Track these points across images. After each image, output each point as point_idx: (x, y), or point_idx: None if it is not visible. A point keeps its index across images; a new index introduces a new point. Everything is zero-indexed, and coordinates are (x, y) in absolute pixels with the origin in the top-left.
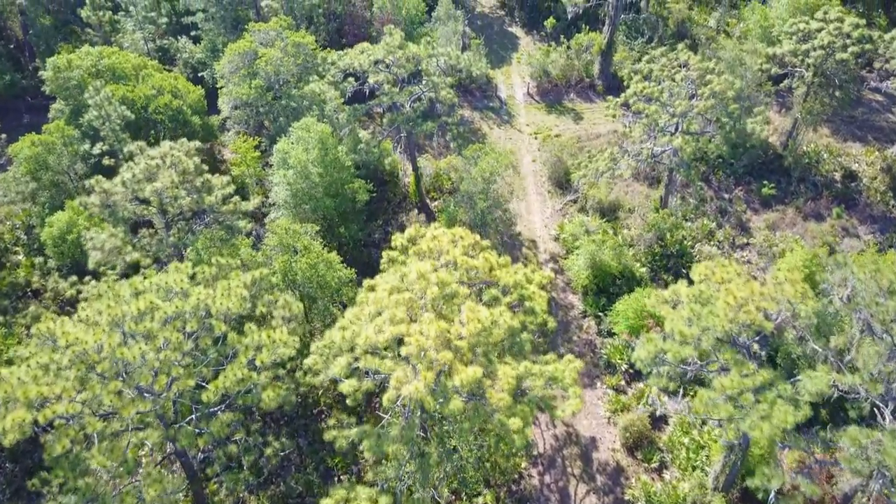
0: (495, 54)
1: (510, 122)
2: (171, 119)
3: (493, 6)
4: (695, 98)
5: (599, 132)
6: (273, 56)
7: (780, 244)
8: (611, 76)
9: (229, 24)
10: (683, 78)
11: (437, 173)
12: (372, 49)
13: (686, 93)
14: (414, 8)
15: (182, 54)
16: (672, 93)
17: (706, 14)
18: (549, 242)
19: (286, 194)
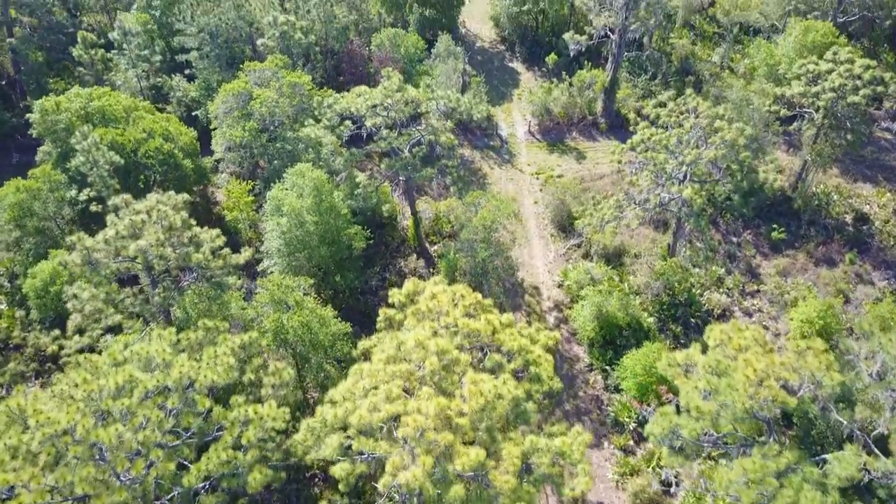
0: (496, 90)
1: (511, 162)
2: (161, 163)
3: (494, 41)
4: (704, 146)
5: (603, 172)
6: (268, 97)
7: (791, 291)
8: (614, 114)
9: (224, 62)
10: (693, 125)
11: (437, 216)
12: (369, 93)
13: (695, 140)
14: (413, 46)
15: (176, 93)
16: (680, 140)
17: (709, 50)
18: (552, 289)
19: (279, 243)
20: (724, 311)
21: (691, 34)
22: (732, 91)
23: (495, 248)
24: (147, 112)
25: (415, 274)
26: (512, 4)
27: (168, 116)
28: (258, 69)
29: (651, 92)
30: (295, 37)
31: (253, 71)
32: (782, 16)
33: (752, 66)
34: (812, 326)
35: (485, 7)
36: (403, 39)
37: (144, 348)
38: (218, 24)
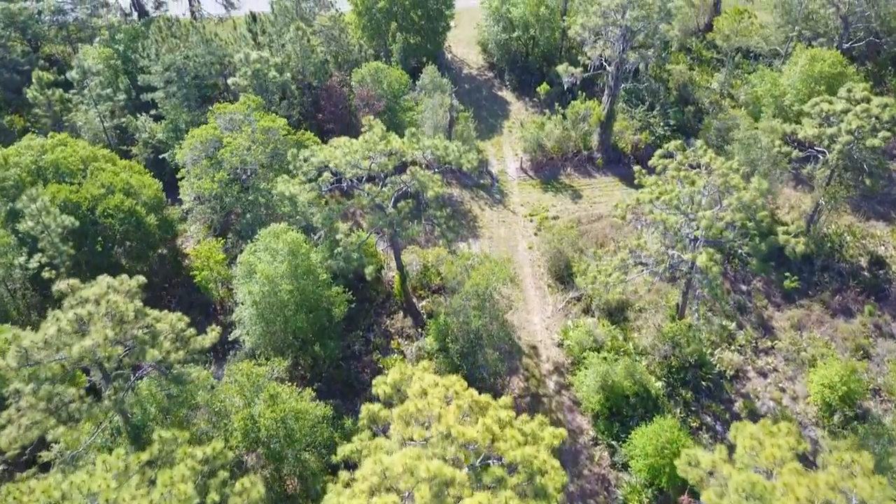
0: (484, 122)
1: (503, 202)
2: (122, 222)
3: (481, 67)
4: (718, 205)
5: (600, 213)
6: (238, 145)
7: (808, 348)
8: (611, 148)
9: (194, 101)
10: (706, 185)
11: (425, 266)
12: (350, 145)
13: (708, 199)
14: (396, 81)
15: (142, 134)
16: (692, 199)
17: (708, 75)
18: (551, 349)
19: (252, 312)
20: (738, 371)
21: (688, 58)
22: (739, 130)
23: (490, 316)
24: (108, 162)
25: (401, 335)
26: (500, 31)
27: (131, 165)
28: (229, 112)
29: (649, 124)
30: (269, 75)
31: (223, 114)
32: (785, 41)
33: (756, 95)
34: (834, 393)
35: (472, 30)
36: (386, 74)
37: (86, 482)
38: (185, 63)
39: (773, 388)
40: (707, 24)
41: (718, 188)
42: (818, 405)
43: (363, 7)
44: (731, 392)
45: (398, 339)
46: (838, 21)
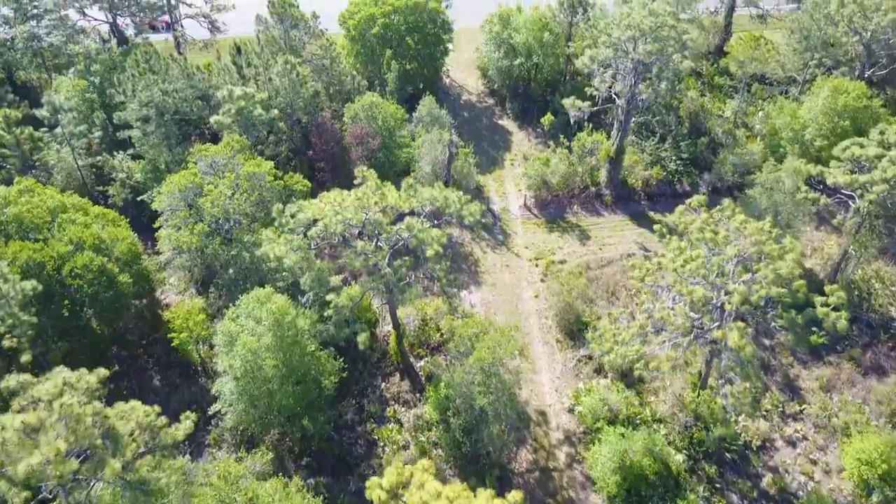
0: (485, 154)
1: (506, 244)
2: (91, 283)
3: (481, 93)
4: (751, 275)
5: (611, 257)
6: (220, 195)
7: (839, 413)
8: (620, 184)
9: (174, 139)
10: (738, 254)
11: (423, 320)
12: (341, 201)
13: (739, 269)
14: (392, 117)
15: (119, 174)
16: (722, 270)
17: (720, 102)
18: (562, 415)
19: (233, 385)
20: (765, 441)
21: (699, 83)
22: (760, 172)
23: (496, 394)
24: (79, 211)
25: (398, 400)
26: (502, 57)
27: (105, 213)
28: (210, 155)
29: (661, 158)
30: (254, 113)
31: (204, 157)
32: (802, 68)
33: (773, 127)
34: (873, 470)
35: (471, 52)
36: (381, 109)
37: None
38: (164, 99)
39: (804, 459)
40: (718, 45)
41: (750, 257)
42: (854, 482)
43: (356, 32)
44: (759, 465)
45: (395, 405)
46: (860, 48)
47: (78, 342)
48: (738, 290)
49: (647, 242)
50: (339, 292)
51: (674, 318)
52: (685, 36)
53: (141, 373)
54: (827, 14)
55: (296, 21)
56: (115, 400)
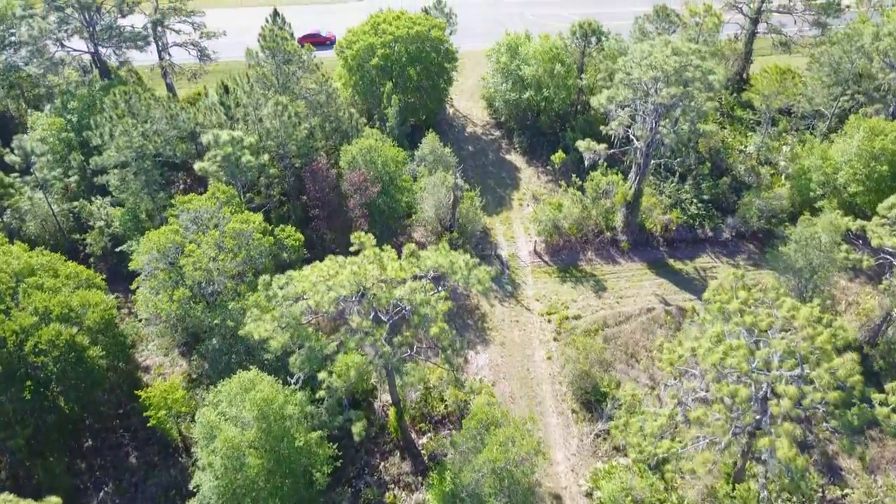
0: (491, 193)
1: (515, 295)
2: (57, 360)
3: (487, 125)
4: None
5: (629, 311)
6: (203, 256)
7: (886, 500)
8: (637, 229)
9: (156, 185)
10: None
11: (426, 388)
12: (334, 274)
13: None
14: (392, 160)
15: (97, 221)
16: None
17: (742, 136)
18: (578, 500)
19: (213, 484)
20: None
21: (718, 113)
22: (796, 228)
23: (510, 496)
24: (48, 272)
25: (398, 483)
26: (510, 89)
27: (79, 272)
28: (194, 209)
29: (680, 200)
30: (242, 159)
31: (186, 211)
32: (832, 102)
33: (802, 168)
34: None
35: (476, 79)
36: (380, 153)
37: None
38: (144, 145)
39: None
40: (738, 74)
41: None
42: None
43: (354, 63)
44: None
45: (395, 488)
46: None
47: (43, 423)
48: (788, 394)
49: (667, 294)
50: (332, 365)
51: (712, 420)
52: (711, 77)
53: (116, 449)
54: (860, 47)
55: (289, 56)
56: (88, 481)
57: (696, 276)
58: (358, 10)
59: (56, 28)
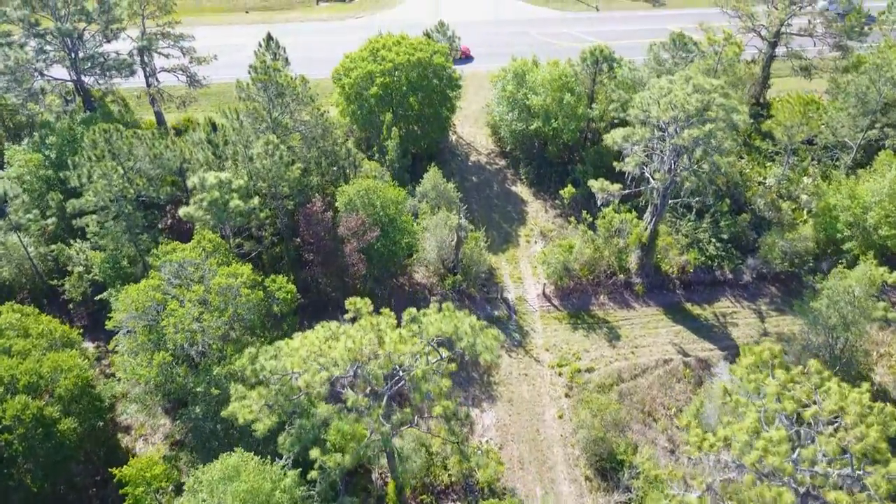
0: (496, 228)
1: (523, 345)
2: (23, 438)
3: (492, 153)
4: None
5: (645, 363)
6: (185, 316)
7: None
8: (652, 271)
9: (138, 228)
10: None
11: (429, 456)
12: (326, 349)
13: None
14: (392, 202)
15: (76, 266)
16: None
17: (760, 167)
18: None
19: None
20: None
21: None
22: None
23: None
24: (16, 331)
25: None
26: (516, 119)
27: (52, 328)
28: (177, 261)
29: (698, 239)
30: (231, 204)
31: (168, 264)
32: (858, 134)
33: (827, 206)
34: None
35: (480, 103)
36: (379, 193)
37: None
38: (125, 188)
39: None
40: (755, 97)
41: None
42: None
43: (352, 92)
44: None
45: None
46: None
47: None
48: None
49: (685, 343)
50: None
51: None
52: (736, 116)
53: None
54: (891, 77)
55: (281, 89)
56: None
57: (716, 323)
58: (357, 28)
59: (34, 58)
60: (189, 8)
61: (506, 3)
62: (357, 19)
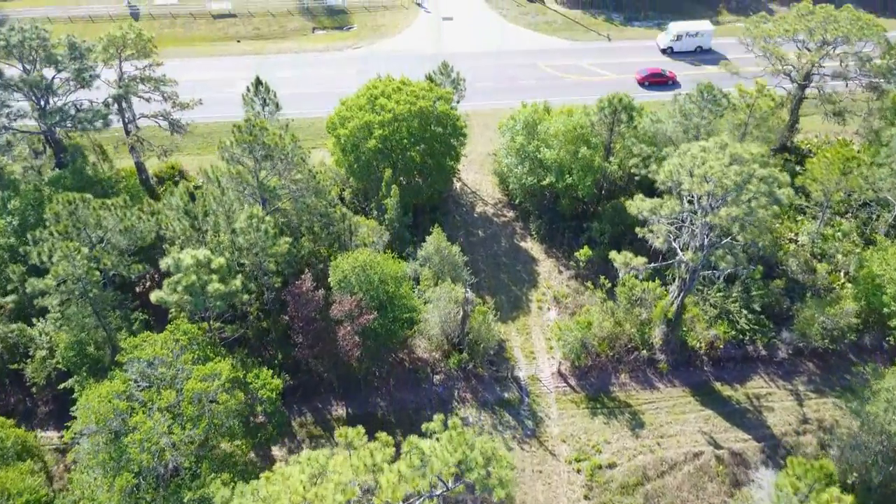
0: (505, 291)
1: (536, 434)
2: None
3: (499, 203)
4: None
5: (673, 457)
6: (151, 430)
7: None
8: (678, 346)
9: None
10: None
11: None
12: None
13: None
14: (392, 277)
15: (39, 350)
16: None
17: (791, 222)
18: None
19: None
20: None
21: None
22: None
23: None
24: None
25: None
26: (526, 173)
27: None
28: (146, 358)
29: (728, 311)
30: (209, 287)
31: (136, 360)
32: None
33: (870, 273)
34: None
35: (486, 145)
36: (376, 268)
37: None
38: (89, 270)
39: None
40: (782, 143)
41: None
42: None
43: (348, 144)
44: None
45: None
46: None
47: None
48: None
49: (716, 432)
50: None
51: None
52: (780, 191)
53: None
54: None
55: (269, 150)
56: None
57: (749, 407)
58: (356, 59)
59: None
60: (179, 38)
61: (512, 31)
62: (355, 49)
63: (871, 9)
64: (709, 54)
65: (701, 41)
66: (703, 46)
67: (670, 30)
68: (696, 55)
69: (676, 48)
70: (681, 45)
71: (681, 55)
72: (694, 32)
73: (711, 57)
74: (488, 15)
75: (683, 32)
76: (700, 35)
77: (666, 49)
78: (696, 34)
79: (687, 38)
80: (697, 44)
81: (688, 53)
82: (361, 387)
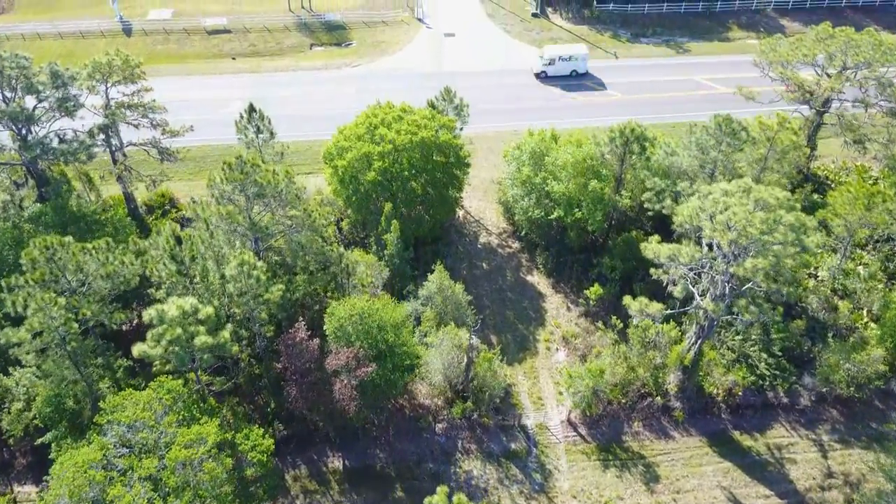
0: (511, 329)
1: (545, 489)
2: None
3: (504, 233)
4: None
5: None
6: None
7: None
8: (694, 393)
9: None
10: None
11: None
12: None
13: None
14: (390, 326)
15: (15, 402)
16: None
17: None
18: None
19: None
20: None
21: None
22: None
23: None
24: None
25: None
26: (533, 206)
27: None
28: (126, 421)
29: (747, 356)
30: (196, 340)
31: (116, 424)
32: None
33: None
34: None
35: (489, 170)
36: (375, 316)
37: None
38: (67, 321)
39: None
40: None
41: None
42: None
43: (346, 175)
44: None
45: None
46: None
47: None
48: None
49: (735, 487)
50: None
51: None
52: (808, 239)
53: None
54: None
55: (262, 189)
56: None
57: (770, 458)
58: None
59: None
60: (172, 55)
61: (515, 48)
62: (354, 67)
63: (893, 29)
64: (585, 78)
65: (576, 65)
66: (579, 70)
67: (544, 54)
68: (571, 79)
69: (550, 72)
70: (555, 69)
71: (554, 80)
72: (567, 56)
73: (588, 82)
74: (491, 31)
75: (556, 56)
76: (574, 59)
77: (539, 73)
78: (569, 58)
79: (560, 63)
80: (572, 68)
81: (562, 78)
82: (359, 436)
